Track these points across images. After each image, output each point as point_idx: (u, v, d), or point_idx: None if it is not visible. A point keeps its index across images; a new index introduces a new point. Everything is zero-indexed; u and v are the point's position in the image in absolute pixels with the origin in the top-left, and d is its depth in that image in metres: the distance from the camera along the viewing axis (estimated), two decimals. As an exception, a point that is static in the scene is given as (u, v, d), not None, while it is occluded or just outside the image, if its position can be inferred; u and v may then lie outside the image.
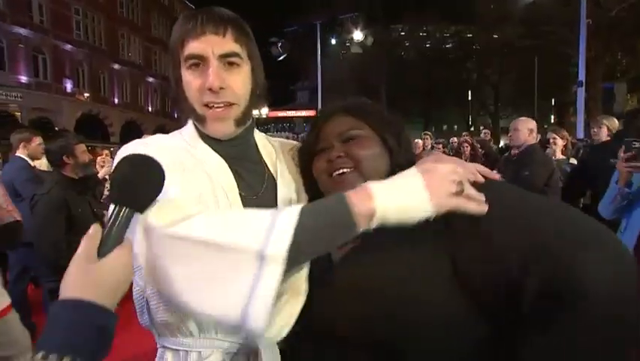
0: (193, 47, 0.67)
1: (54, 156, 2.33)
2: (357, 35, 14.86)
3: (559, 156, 3.45)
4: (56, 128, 17.25)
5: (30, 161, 3.11)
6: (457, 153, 5.48)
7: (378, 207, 0.53)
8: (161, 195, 0.57)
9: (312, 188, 0.75)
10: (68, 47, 19.87)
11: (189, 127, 0.78)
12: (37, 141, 3.08)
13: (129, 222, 0.54)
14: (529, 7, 11.40)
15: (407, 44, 27.32)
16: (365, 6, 19.38)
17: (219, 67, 0.68)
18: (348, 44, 14.77)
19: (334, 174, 0.67)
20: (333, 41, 20.52)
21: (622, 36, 13.96)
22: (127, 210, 0.53)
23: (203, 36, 0.67)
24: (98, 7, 21.82)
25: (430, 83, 23.97)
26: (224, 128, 0.71)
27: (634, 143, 1.68)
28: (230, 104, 0.69)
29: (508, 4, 12.18)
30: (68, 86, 20.02)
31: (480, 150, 5.18)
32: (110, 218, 0.53)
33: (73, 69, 20.38)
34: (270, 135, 0.90)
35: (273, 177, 0.78)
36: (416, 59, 25.79)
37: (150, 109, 27.41)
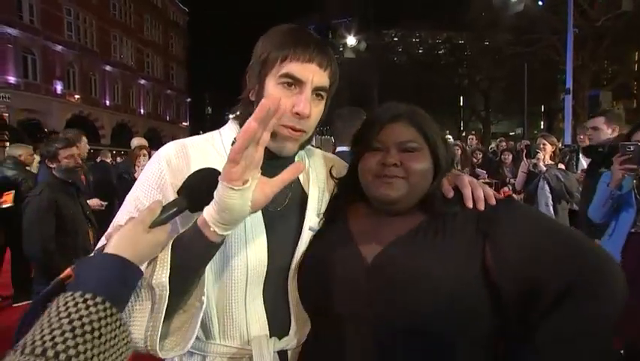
0: (296, 69, 0.70)
1: (42, 159, 2.40)
2: (351, 40, 14.99)
3: (548, 161, 3.52)
4: (45, 130, 17.04)
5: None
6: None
7: (209, 220, 0.61)
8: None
9: (348, 181, 0.79)
10: (59, 47, 19.64)
11: (229, 131, 0.81)
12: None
13: (179, 213, 0.63)
14: (518, 15, 11.64)
15: (400, 50, 27.61)
16: (358, 12, 19.56)
17: (311, 96, 0.72)
18: (341, 49, 14.85)
19: (385, 178, 0.70)
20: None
21: (608, 45, 14.33)
22: (185, 202, 0.63)
23: (310, 63, 0.70)
24: (90, 9, 21.63)
25: (422, 88, 24.24)
26: (291, 147, 0.74)
27: (629, 146, 1.73)
28: (302, 131, 0.74)
29: (499, 11, 12.43)
30: (58, 87, 19.75)
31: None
32: (170, 203, 0.63)
33: (63, 70, 20.13)
34: None
35: (302, 187, 0.82)
36: (408, 64, 26.07)
37: (142, 111, 27.18)
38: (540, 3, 11.26)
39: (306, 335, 0.76)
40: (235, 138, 0.57)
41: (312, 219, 0.78)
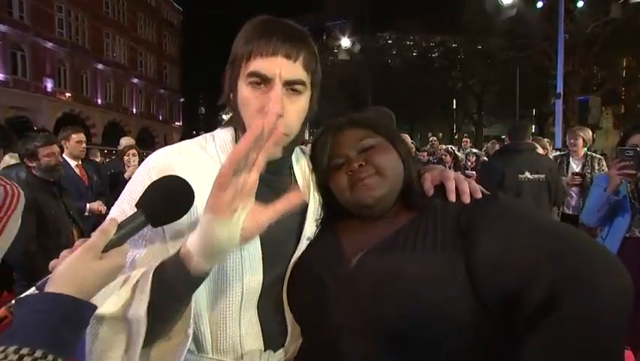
0: (260, 65, 0.63)
1: (21, 158, 2.32)
2: (345, 42, 15.05)
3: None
4: (35, 128, 16.74)
5: (70, 161, 3.16)
6: (440, 161, 5.61)
7: (193, 254, 0.55)
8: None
9: (330, 204, 0.75)
10: (49, 44, 19.33)
11: (224, 134, 0.75)
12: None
13: (139, 230, 0.56)
14: (511, 20, 11.81)
15: (394, 52, 27.77)
16: (353, 14, 19.64)
17: (283, 93, 0.64)
18: (335, 51, 14.88)
19: (359, 184, 0.67)
20: (321, 48, 20.77)
21: (597, 51, 14.59)
22: (143, 218, 0.55)
23: (274, 57, 0.63)
24: (82, 6, 21.36)
25: (416, 91, 24.43)
26: (271, 153, 0.68)
27: (627, 151, 1.72)
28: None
29: (492, 16, 12.61)
30: (48, 84, 19.44)
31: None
32: (127, 219, 0.55)
33: (54, 68, 19.83)
34: None
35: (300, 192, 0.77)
36: (402, 66, 26.23)
37: (134, 110, 26.88)
38: (540, 4, 11.42)
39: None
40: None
41: (310, 230, 0.74)
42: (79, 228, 2.46)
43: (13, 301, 0.49)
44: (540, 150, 3.59)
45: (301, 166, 0.79)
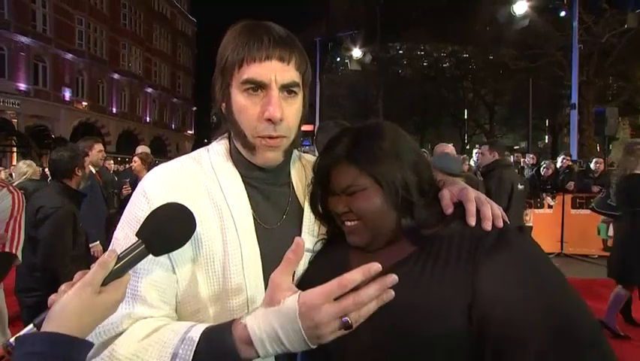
0: (254, 72, 0.62)
1: (65, 166, 2.24)
2: (356, 53, 15.18)
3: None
4: (52, 136, 17.23)
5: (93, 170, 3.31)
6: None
7: (256, 346, 0.52)
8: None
9: (328, 217, 0.73)
10: (69, 55, 20.02)
11: (219, 147, 0.74)
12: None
13: (140, 260, 0.55)
14: (523, 31, 11.75)
15: (405, 62, 27.84)
16: (364, 24, 19.84)
17: (280, 97, 0.64)
18: (347, 61, 15.02)
19: (344, 225, 0.68)
20: (332, 58, 21.01)
21: (612, 62, 14.36)
22: (144, 248, 0.54)
23: (267, 61, 0.62)
24: (101, 19, 22.13)
25: (427, 101, 24.37)
26: (275, 157, 0.67)
27: None
28: (281, 137, 0.66)
29: (503, 26, 12.60)
30: (67, 94, 20.06)
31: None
32: (126, 250, 0.54)
33: (72, 78, 20.48)
34: None
35: (299, 202, 0.74)
36: (413, 76, 26.26)
37: (148, 119, 27.47)
38: (563, 14, 11.44)
39: None
40: None
41: (308, 240, 0.70)
42: (85, 236, 2.46)
43: (11, 340, 0.48)
44: None
45: (299, 173, 0.77)
